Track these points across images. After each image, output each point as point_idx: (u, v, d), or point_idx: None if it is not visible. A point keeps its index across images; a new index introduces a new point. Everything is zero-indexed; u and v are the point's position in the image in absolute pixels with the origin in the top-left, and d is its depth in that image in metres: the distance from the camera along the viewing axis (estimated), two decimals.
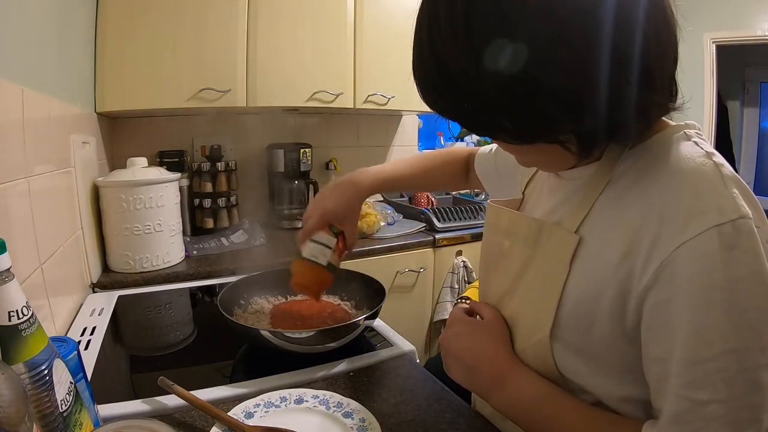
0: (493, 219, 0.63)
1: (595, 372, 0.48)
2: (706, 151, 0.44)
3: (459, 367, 0.58)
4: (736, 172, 0.43)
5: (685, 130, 0.46)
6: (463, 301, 1.21)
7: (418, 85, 0.45)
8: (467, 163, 0.92)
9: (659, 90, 0.42)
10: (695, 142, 0.45)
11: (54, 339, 0.48)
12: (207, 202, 1.62)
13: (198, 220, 1.64)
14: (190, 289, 1.19)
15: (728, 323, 0.38)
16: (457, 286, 1.76)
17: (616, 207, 0.45)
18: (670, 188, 0.42)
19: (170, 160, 1.64)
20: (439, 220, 1.78)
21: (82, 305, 1.03)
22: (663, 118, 0.48)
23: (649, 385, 0.44)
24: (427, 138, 2.54)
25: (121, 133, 1.65)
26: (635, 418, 0.46)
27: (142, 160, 1.28)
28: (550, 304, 0.48)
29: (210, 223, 1.63)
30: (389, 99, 1.81)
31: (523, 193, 0.65)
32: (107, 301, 1.06)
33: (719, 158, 0.44)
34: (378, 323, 0.90)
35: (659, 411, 0.42)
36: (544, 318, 0.49)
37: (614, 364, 0.47)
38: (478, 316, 0.62)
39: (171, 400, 0.64)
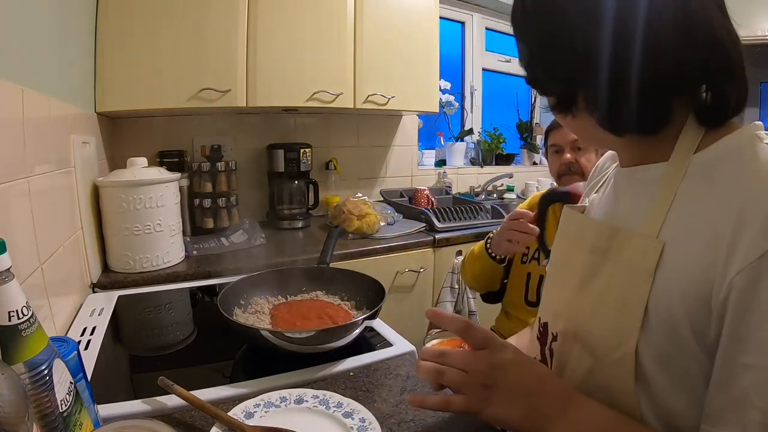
0: (564, 225, 0.58)
1: (678, 388, 0.44)
2: None
3: (517, 402, 0.48)
4: None
5: (757, 132, 0.45)
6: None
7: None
8: None
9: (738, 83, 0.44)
10: None
11: (54, 339, 0.48)
12: (207, 202, 1.62)
13: (198, 220, 1.64)
14: (190, 289, 1.19)
15: None
16: (457, 286, 1.76)
17: (695, 209, 0.43)
18: (755, 195, 0.40)
19: (170, 160, 1.64)
20: (439, 220, 1.78)
21: (82, 305, 1.03)
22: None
23: (723, 395, 0.40)
24: (427, 138, 2.54)
25: (121, 133, 1.65)
26: None
27: (142, 160, 1.28)
28: (634, 315, 0.44)
29: (210, 223, 1.63)
30: (389, 99, 1.80)
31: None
32: (107, 301, 1.06)
33: None
34: (378, 323, 0.90)
35: (739, 419, 0.39)
36: (628, 331, 0.45)
37: (697, 377, 0.43)
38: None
39: (171, 400, 0.64)
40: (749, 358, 0.38)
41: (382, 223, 1.73)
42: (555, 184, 1.34)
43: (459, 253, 1.77)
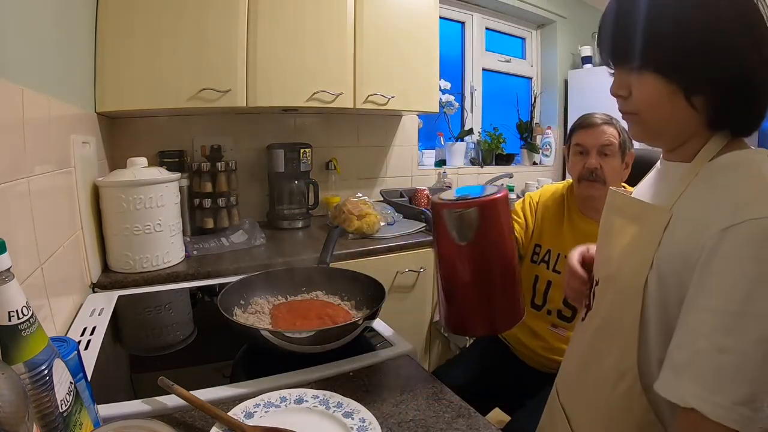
0: (610, 200, 0.74)
1: (664, 338, 0.55)
2: None
3: None
4: None
5: (757, 155, 0.58)
6: None
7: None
8: None
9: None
10: None
11: (54, 339, 0.48)
12: (207, 202, 1.62)
13: (198, 220, 1.64)
14: (190, 289, 1.19)
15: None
16: None
17: (697, 198, 0.57)
18: (725, 187, 0.55)
19: (170, 160, 1.64)
20: None
21: (82, 305, 1.03)
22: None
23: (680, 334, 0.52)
24: (427, 138, 2.54)
25: (121, 133, 1.65)
26: None
27: (142, 160, 1.28)
28: (646, 259, 0.58)
29: (210, 223, 1.63)
30: (389, 99, 1.80)
31: None
32: (107, 301, 1.06)
33: None
34: (378, 323, 0.90)
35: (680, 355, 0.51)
36: (640, 271, 0.59)
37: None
38: None
39: (171, 400, 0.64)
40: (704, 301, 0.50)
41: (382, 223, 1.73)
42: (553, 180, 1.34)
43: None
